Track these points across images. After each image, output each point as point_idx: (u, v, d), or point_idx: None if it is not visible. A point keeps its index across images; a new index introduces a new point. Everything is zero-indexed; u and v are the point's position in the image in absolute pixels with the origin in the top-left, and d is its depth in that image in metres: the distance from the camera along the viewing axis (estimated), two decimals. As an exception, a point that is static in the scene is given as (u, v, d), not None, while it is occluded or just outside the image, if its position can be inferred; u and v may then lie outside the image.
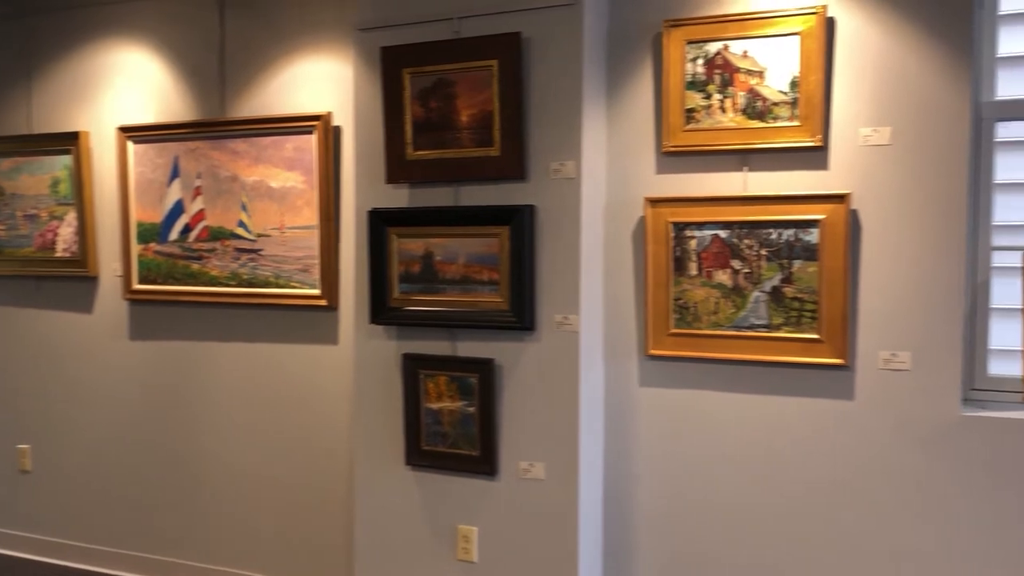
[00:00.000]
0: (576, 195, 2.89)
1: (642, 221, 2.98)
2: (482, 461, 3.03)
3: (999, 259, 2.76)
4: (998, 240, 2.76)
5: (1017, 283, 2.67)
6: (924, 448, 2.69)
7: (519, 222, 2.91)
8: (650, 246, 2.95)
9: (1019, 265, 2.67)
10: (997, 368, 2.77)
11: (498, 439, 3.02)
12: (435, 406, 3.09)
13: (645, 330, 2.99)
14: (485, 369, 2.99)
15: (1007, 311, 2.74)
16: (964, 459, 2.65)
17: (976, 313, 2.77)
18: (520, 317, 2.93)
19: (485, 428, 3.01)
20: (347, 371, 3.47)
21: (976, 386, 2.78)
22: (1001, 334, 2.76)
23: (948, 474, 2.67)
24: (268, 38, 3.65)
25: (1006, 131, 2.75)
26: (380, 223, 3.12)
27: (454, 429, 3.07)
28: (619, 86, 3.03)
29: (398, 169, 3.10)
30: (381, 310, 3.15)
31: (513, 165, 2.92)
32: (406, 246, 3.10)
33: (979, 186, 2.75)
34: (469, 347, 3.05)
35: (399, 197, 3.14)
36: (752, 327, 2.86)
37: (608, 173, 3.05)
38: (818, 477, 2.82)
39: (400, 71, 3.05)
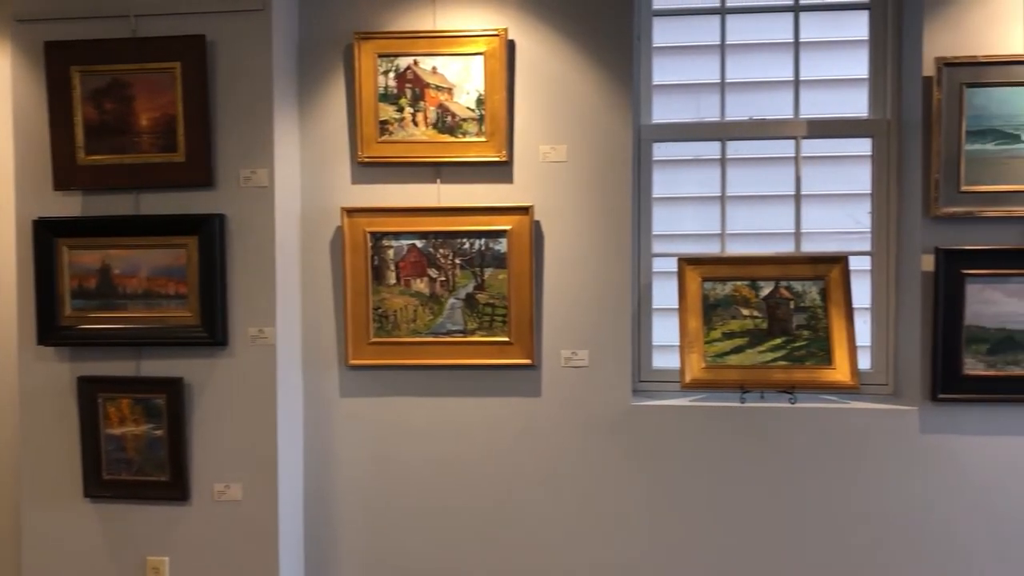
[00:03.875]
0: (269, 204, 2.82)
1: (339, 231, 2.98)
2: (172, 486, 2.84)
3: (658, 265, 3.10)
4: (657, 248, 3.11)
5: (674, 285, 3.03)
6: (602, 436, 2.95)
7: (208, 232, 2.78)
8: (348, 256, 2.96)
9: (675, 270, 3.02)
10: (659, 361, 3.12)
11: (189, 462, 2.86)
12: (117, 431, 2.85)
13: (345, 340, 2.98)
14: (173, 389, 2.82)
15: (666, 311, 3.09)
16: (635, 443, 2.94)
17: (641, 313, 3.10)
18: (211, 332, 2.79)
19: (175, 451, 2.83)
20: (10, 398, 3.09)
21: (643, 378, 3.11)
22: (662, 331, 3.10)
23: (622, 457, 2.95)
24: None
25: (660, 151, 3.10)
26: (47, 234, 2.83)
27: (140, 455, 2.85)
28: (312, 95, 3.00)
29: (68, 175, 2.82)
30: (50, 330, 2.84)
31: (200, 172, 2.78)
32: (79, 259, 2.84)
33: (641, 200, 3.08)
34: (155, 366, 2.86)
35: (70, 205, 2.87)
36: (449, 333, 2.96)
37: (303, 182, 3.01)
38: (513, 469, 2.98)
39: (68, 69, 2.79)
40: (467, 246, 2.94)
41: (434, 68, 2.92)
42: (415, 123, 2.93)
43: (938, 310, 2.78)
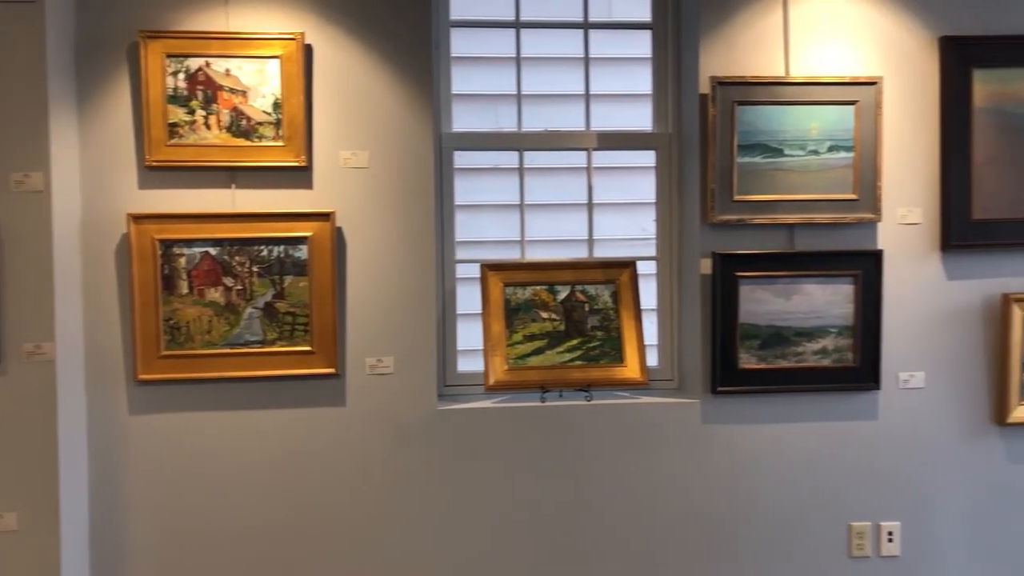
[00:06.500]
0: (46, 210, 2.63)
1: (125, 238, 2.82)
2: (-67, 521, 2.58)
3: (462, 271, 3.16)
4: (460, 254, 3.16)
5: (477, 291, 3.09)
6: (409, 442, 2.97)
7: (-28, 240, 2.55)
8: (135, 265, 2.80)
9: (478, 276, 3.09)
10: (464, 365, 3.17)
11: (-46, 492, 2.61)
12: None
13: (133, 354, 2.82)
14: (-67, 413, 2.56)
15: (470, 316, 3.15)
16: (442, 447, 2.98)
17: (445, 318, 3.14)
18: (-22, 349, 2.57)
19: (-64, 482, 2.57)
20: None
21: (448, 383, 3.15)
22: (466, 336, 3.16)
23: (430, 462, 2.98)
24: None
25: (461, 159, 3.16)
26: None
27: None
28: (94, 95, 2.82)
29: None
30: None
31: (-38, 175, 2.55)
32: None
33: (443, 207, 3.13)
34: (-89, 389, 2.59)
35: None
36: (247, 344, 2.87)
37: (84, 187, 2.82)
38: (319, 482, 2.94)
39: None
40: (265, 253, 2.87)
41: (227, 70, 2.83)
42: (207, 126, 2.83)
43: (716, 310, 3.01)
